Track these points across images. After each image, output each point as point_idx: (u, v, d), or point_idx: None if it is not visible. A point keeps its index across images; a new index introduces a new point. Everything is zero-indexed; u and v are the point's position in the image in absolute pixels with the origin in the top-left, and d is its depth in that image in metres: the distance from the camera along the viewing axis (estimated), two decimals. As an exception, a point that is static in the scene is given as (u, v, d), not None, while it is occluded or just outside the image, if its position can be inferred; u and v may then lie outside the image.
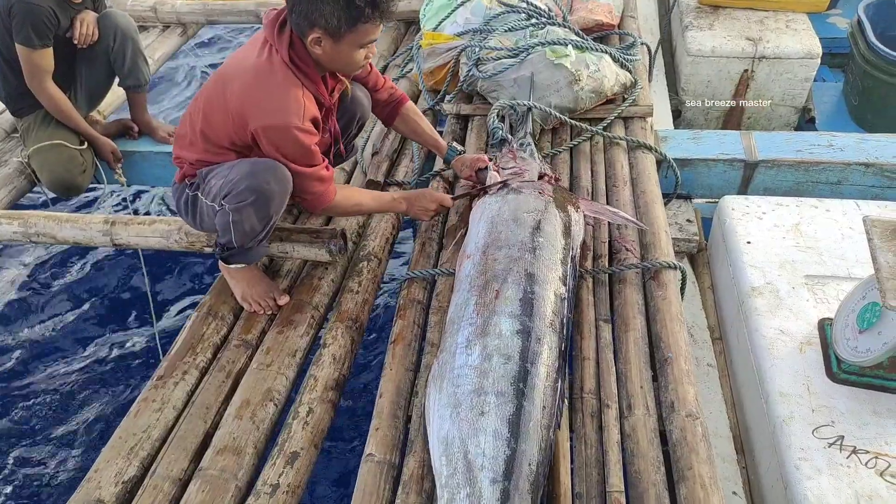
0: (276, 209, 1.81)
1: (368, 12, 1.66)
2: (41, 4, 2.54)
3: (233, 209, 1.77)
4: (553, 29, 2.77)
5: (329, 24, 1.66)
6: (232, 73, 1.79)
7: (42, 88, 2.66)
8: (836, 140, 2.66)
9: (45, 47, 2.60)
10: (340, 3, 1.63)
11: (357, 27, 1.68)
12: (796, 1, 3.54)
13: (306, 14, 1.66)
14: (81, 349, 3.07)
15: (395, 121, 2.28)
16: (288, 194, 1.81)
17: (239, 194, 1.75)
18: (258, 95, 1.73)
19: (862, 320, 1.66)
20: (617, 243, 2.11)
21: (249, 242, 1.87)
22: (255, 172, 1.75)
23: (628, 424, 1.59)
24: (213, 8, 3.95)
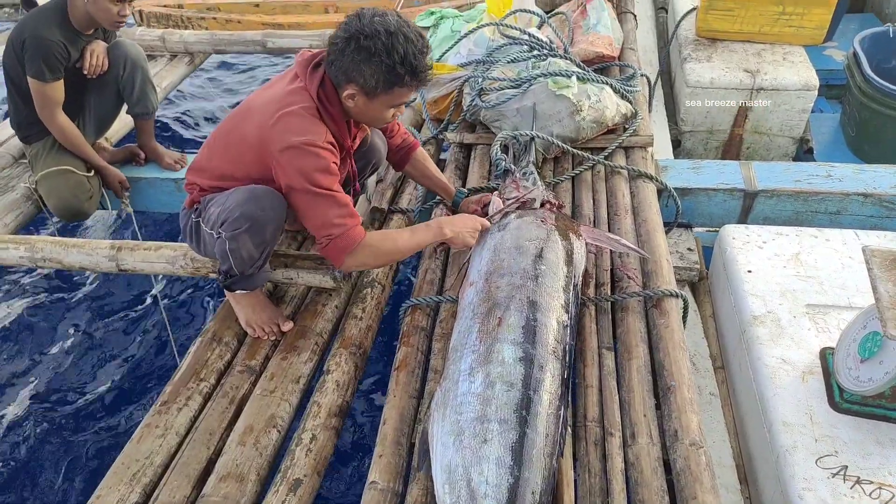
0: (272, 235, 1.82)
1: (408, 80, 1.71)
2: (52, 39, 2.58)
3: (229, 237, 1.79)
4: (555, 60, 2.82)
5: (367, 84, 1.71)
6: (257, 106, 1.81)
7: (53, 120, 2.70)
8: (835, 170, 2.70)
9: (56, 80, 2.64)
10: (382, 68, 1.67)
11: (393, 90, 1.73)
12: (793, 34, 3.61)
13: (345, 70, 1.70)
14: (85, 372, 3.07)
15: (407, 166, 2.32)
16: (283, 220, 1.83)
17: (234, 222, 1.77)
18: (282, 122, 1.74)
19: (863, 350, 1.66)
20: (619, 271, 2.13)
21: (249, 269, 1.88)
22: (249, 199, 1.77)
23: (632, 453, 1.59)
24: (221, 38, 4.03)
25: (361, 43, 1.65)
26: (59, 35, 2.61)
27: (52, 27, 2.60)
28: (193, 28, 4.33)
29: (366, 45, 1.65)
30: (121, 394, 2.95)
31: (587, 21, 3.37)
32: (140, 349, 3.17)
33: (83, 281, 3.57)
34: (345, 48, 1.68)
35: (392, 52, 1.65)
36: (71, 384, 3.01)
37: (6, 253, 2.34)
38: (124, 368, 3.08)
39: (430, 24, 3.54)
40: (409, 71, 1.69)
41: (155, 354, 3.12)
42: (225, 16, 4.34)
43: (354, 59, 1.68)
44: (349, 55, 1.68)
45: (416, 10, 4.03)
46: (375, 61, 1.67)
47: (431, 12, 3.64)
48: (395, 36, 1.65)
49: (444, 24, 3.44)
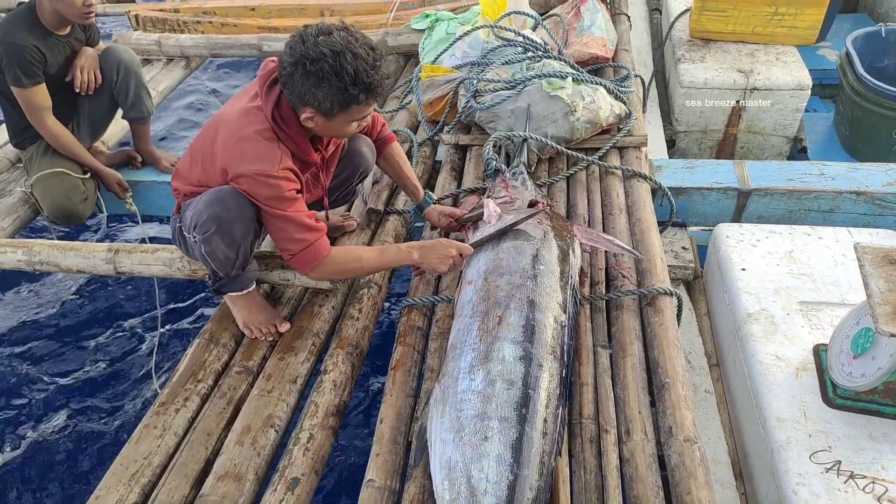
0: (242, 234, 1.79)
1: (362, 98, 1.66)
2: (24, 44, 2.54)
3: (202, 240, 1.79)
4: (549, 62, 2.84)
5: (322, 106, 1.66)
6: (223, 122, 1.81)
7: (42, 124, 2.70)
8: (828, 169, 2.72)
9: (35, 84, 2.61)
10: (334, 90, 1.62)
11: (350, 108, 1.69)
12: (786, 34, 3.64)
13: (299, 94, 1.66)
14: (84, 372, 3.08)
15: (379, 159, 2.29)
16: (251, 219, 1.79)
17: (203, 225, 1.77)
18: (237, 146, 1.73)
19: (856, 346, 1.68)
20: (614, 270, 2.14)
21: (232, 270, 1.89)
22: (214, 201, 1.76)
23: (627, 449, 1.60)
24: (217, 42, 4.04)
25: (308, 68, 1.59)
26: (30, 39, 2.57)
27: (22, 32, 2.56)
28: (189, 32, 4.33)
29: (313, 70, 1.59)
30: (119, 394, 2.95)
31: (581, 23, 3.39)
32: (139, 350, 3.17)
33: (82, 281, 3.58)
34: (293, 73, 1.62)
35: (342, 74, 1.59)
36: (69, 386, 3.02)
37: (4, 256, 2.35)
38: (123, 370, 3.08)
39: (425, 27, 3.57)
40: (363, 89, 1.64)
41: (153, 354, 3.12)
42: (221, 20, 4.34)
43: (304, 83, 1.62)
44: (298, 80, 1.62)
45: (410, 13, 4.05)
46: (326, 86, 1.61)
47: (426, 15, 3.66)
48: (343, 55, 1.58)
49: (439, 26, 3.46)
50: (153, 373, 2.70)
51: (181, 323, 3.32)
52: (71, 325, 3.33)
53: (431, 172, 2.87)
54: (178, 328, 3.29)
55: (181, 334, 3.25)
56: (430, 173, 2.86)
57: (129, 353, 3.16)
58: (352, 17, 4.23)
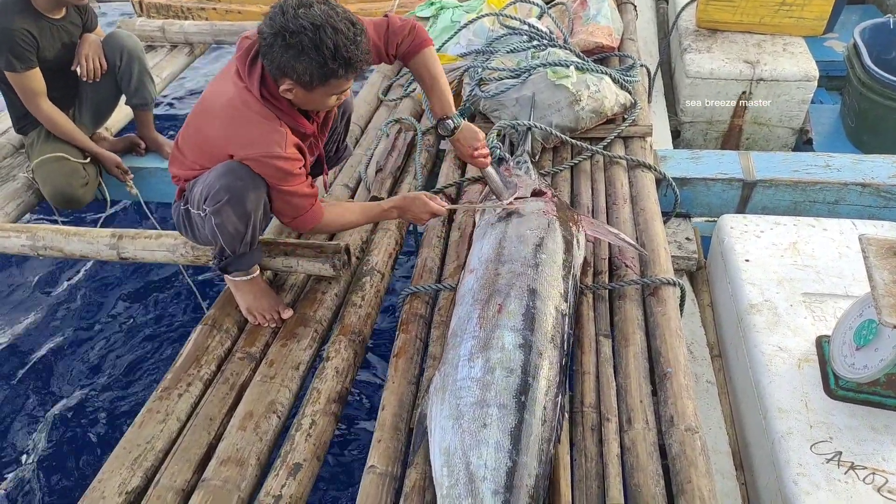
0: (254, 206, 1.80)
1: (341, 72, 1.66)
2: (14, 28, 2.52)
3: (213, 212, 1.79)
4: (554, 51, 2.83)
5: (301, 79, 1.65)
6: (211, 108, 1.81)
7: (38, 108, 2.69)
8: (833, 161, 2.70)
9: (28, 69, 2.59)
10: (314, 64, 1.61)
11: (329, 82, 1.68)
12: (793, 25, 3.61)
13: (278, 66, 1.65)
14: (86, 357, 3.09)
15: (409, 64, 2.15)
16: (263, 190, 1.80)
17: (215, 195, 1.77)
18: (239, 132, 1.74)
19: (859, 337, 1.68)
20: (617, 259, 2.14)
21: (240, 247, 1.88)
22: (227, 172, 1.76)
23: (628, 438, 1.61)
24: (221, 28, 4.03)
25: (288, 41, 1.59)
26: (20, 23, 2.54)
27: (13, 15, 2.54)
28: (193, 18, 4.32)
29: (293, 43, 1.59)
30: (122, 379, 2.97)
31: (587, 12, 3.37)
32: (141, 336, 3.18)
33: (84, 267, 3.59)
34: (272, 44, 1.62)
35: (321, 48, 1.59)
36: (72, 370, 3.03)
37: (8, 241, 2.36)
38: (126, 354, 3.09)
39: (430, 15, 3.55)
40: (343, 64, 1.63)
41: (157, 341, 3.14)
42: (225, 6, 4.33)
43: (284, 55, 1.61)
44: (278, 52, 1.61)
45: (416, 1, 4.03)
46: (305, 59, 1.60)
47: (431, 3, 3.64)
48: (323, 29, 1.58)
49: (444, 14, 3.45)
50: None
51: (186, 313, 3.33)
52: (81, 310, 3.35)
53: (435, 161, 2.86)
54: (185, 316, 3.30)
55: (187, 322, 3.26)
56: (434, 162, 2.85)
57: (137, 339, 3.18)
58: (356, 4, 4.21)
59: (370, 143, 2.85)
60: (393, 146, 2.77)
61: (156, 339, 3.15)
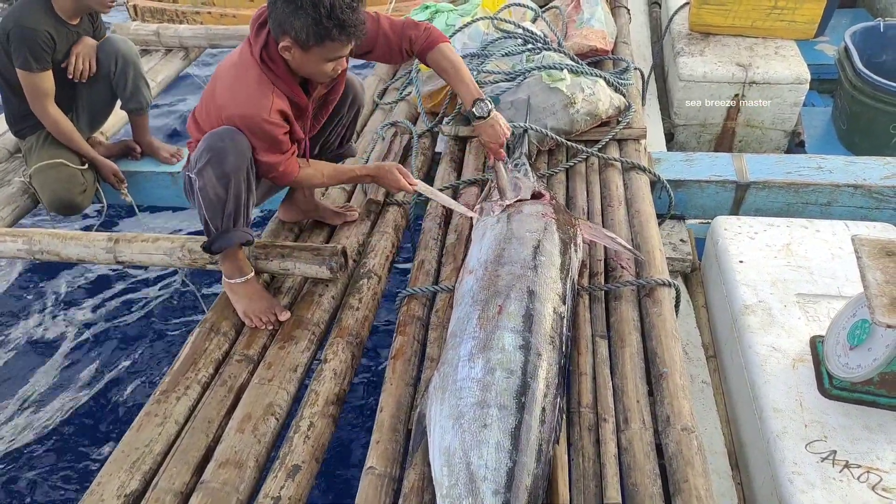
0: (233, 168, 1.84)
1: (335, 33, 1.73)
2: (37, 28, 2.56)
3: (196, 173, 1.85)
4: (549, 54, 2.84)
5: (299, 36, 1.74)
6: (219, 71, 1.93)
7: (45, 111, 2.70)
8: (826, 162, 2.73)
9: (43, 70, 2.63)
10: (310, 20, 1.70)
11: (325, 43, 1.75)
12: (785, 28, 3.64)
13: (280, 22, 1.74)
14: (85, 361, 3.08)
15: (427, 61, 2.23)
16: (246, 156, 1.86)
17: (199, 158, 1.84)
18: (232, 90, 1.86)
19: (852, 337, 1.70)
20: (612, 261, 2.15)
21: (221, 219, 1.90)
22: (212, 135, 1.85)
23: (625, 438, 1.62)
24: (216, 32, 4.03)
25: None
26: (43, 24, 2.58)
27: (37, 16, 2.58)
28: (188, 23, 4.32)
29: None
30: (120, 383, 2.96)
31: (581, 15, 3.39)
32: (140, 339, 3.18)
33: (83, 271, 3.58)
34: (276, 1, 1.72)
35: (318, 6, 1.68)
36: (70, 374, 3.03)
37: (4, 246, 2.35)
38: (123, 357, 3.09)
39: (425, 18, 3.56)
40: (337, 24, 1.71)
41: (154, 345, 3.13)
42: (220, 10, 4.34)
43: (284, 11, 1.71)
44: (280, 7, 1.72)
45: (410, 5, 4.04)
46: (302, 14, 1.69)
47: (426, 6, 3.65)
48: None
49: (438, 17, 3.45)
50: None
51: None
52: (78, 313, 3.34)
53: (431, 164, 2.87)
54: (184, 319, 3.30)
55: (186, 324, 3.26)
56: (430, 165, 2.86)
57: (134, 342, 3.17)
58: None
59: (366, 146, 2.86)
60: (389, 149, 2.78)
61: (153, 342, 3.14)
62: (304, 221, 2.47)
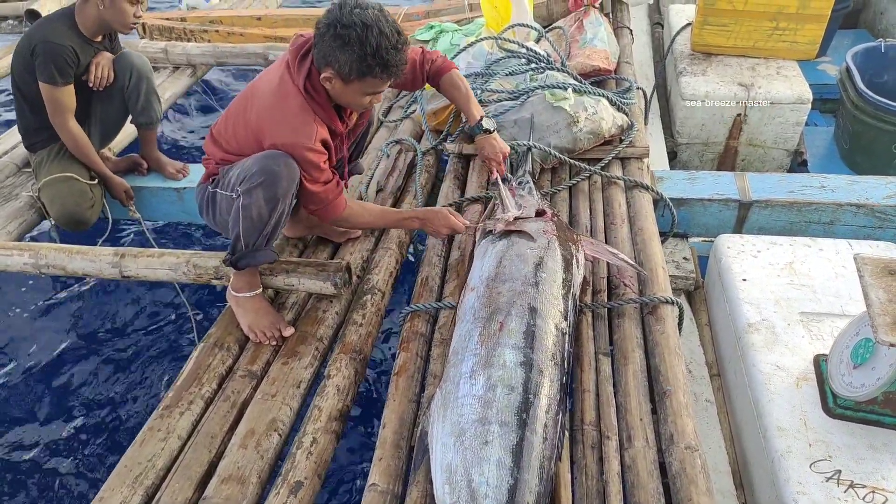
0: (283, 192, 1.87)
1: (378, 72, 1.80)
2: (63, 44, 2.64)
3: (244, 192, 1.87)
4: (552, 73, 2.87)
5: (342, 69, 1.80)
6: (258, 92, 1.96)
7: (65, 125, 2.74)
8: (828, 182, 2.74)
9: (66, 84, 2.69)
10: (355, 57, 1.77)
11: (366, 79, 1.82)
12: (786, 49, 3.68)
13: (324, 54, 1.81)
14: (88, 375, 3.08)
15: (440, 83, 2.38)
16: (295, 181, 1.89)
17: (251, 177, 1.86)
18: (275, 117, 1.89)
19: (856, 356, 1.69)
20: (615, 279, 2.16)
21: (257, 238, 1.92)
22: (267, 157, 1.88)
23: (628, 456, 1.61)
24: (223, 50, 4.08)
25: (338, 31, 1.75)
26: (69, 41, 2.66)
27: (63, 34, 2.66)
28: (196, 41, 4.38)
29: (342, 34, 1.75)
30: (123, 398, 2.96)
31: (584, 35, 3.43)
32: (145, 353, 3.18)
33: (86, 283, 3.59)
34: (325, 33, 1.78)
35: (365, 44, 1.74)
36: (73, 388, 3.02)
37: (10, 259, 2.37)
38: (128, 372, 3.09)
39: (429, 38, 3.61)
40: (380, 63, 1.78)
41: (159, 359, 3.13)
42: (227, 28, 4.39)
43: (331, 45, 1.77)
44: (328, 41, 1.78)
45: (415, 25, 4.09)
46: (349, 50, 1.76)
47: (431, 26, 3.70)
48: (370, 29, 1.74)
49: (443, 37, 3.50)
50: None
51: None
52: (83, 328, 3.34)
53: (435, 181, 2.89)
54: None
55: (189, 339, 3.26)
56: (434, 182, 2.88)
57: (139, 356, 3.17)
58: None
59: (371, 163, 2.88)
60: (393, 167, 2.80)
61: (158, 357, 3.14)
62: (308, 237, 2.49)
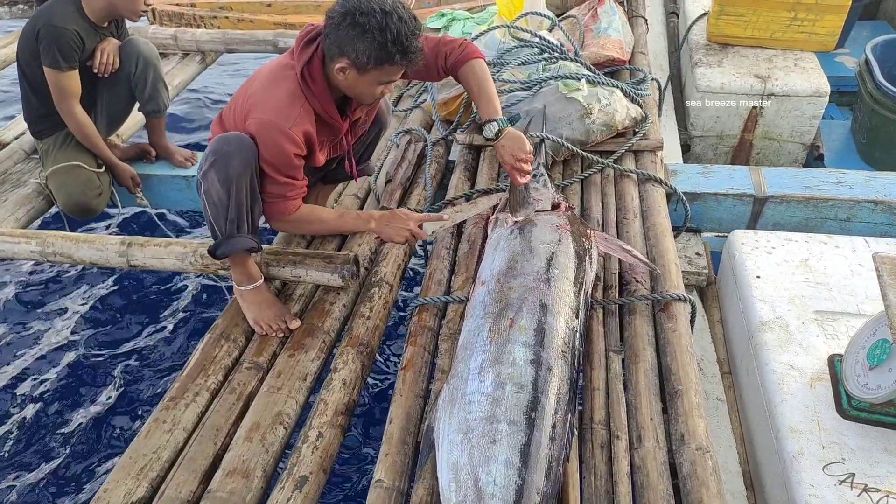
0: (236, 171, 1.83)
1: (398, 58, 1.78)
2: (67, 27, 2.60)
3: (202, 176, 1.86)
4: (565, 63, 2.83)
5: (359, 59, 1.77)
6: (259, 75, 1.95)
7: (70, 111, 2.72)
8: (845, 177, 2.69)
9: (71, 69, 2.66)
10: (375, 45, 1.74)
11: (384, 67, 1.80)
12: (804, 40, 3.60)
13: (339, 44, 1.77)
14: (95, 365, 3.09)
15: (458, 74, 2.21)
16: (250, 159, 1.85)
17: (205, 160, 1.85)
18: (263, 97, 1.88)
19: (872, 357, 1.66)
20: (627, 275, 2.12)
21: (224, 224, 1.89)
22: (219, 139, 1.86)
23: (638, 456, 1.59)
24: (233, 37, 4.05)
25: (357, 19, 1.73)
26: (73, 25, 2.63)
27: (67, 17, 2.62)
28: (205, 27, 4.35)
29: (361, 22, 1.72)
30: (128, 389, 2.97)
31: (598, 25, 3.37)
32: (150, 345, 3.19)
33: (91, 272, 3.60)
34: (340, 23, 1.75)
35: (385, 31, 1.73)
36: (78, 379, 3.03)
37: (18, 247, 2.36)
38: (134, 363, 3.09)
39: (441, 26, 3.56)
40: (400, 50, 1.77)
41: (165, 351, 3.14)
42: (237, 15, 4.36)
43: (349, 34, 1.75)
44: (344, 30, 1.75)
45: (427, 12, 4.04)
46: (368, 38, 1.74)
47: (442, 14, 3.66)
48: (390, 15, 1.73)
49: (455, 25, 3.46)
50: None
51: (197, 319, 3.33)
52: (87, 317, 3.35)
53: (445, 172, 2.86)
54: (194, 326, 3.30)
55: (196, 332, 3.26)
56: (444, 173, 2.85)
57: (144, 347, 3.18)
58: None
59: (380, 153, 2.85)
60: (403, 157, 2.77)
61: (163, 348, 3.15)
62: None
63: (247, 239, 1.94)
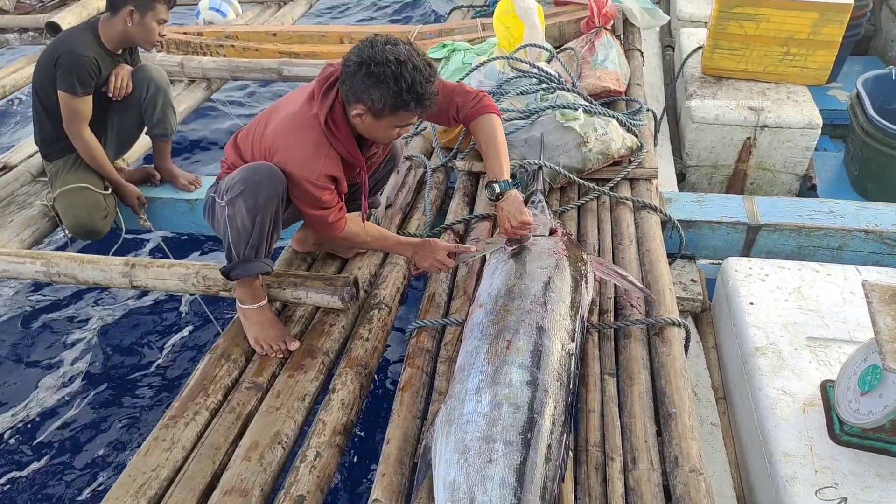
0: (265, 200, 1.88)
1: (413, 105, 1.82)
2: (87, 55, 2.69)
3: (228, 202, 1.90)
4: (563, 93, 2.89)
5: (374, 106, 1.81)
6: (280, 111, 1.98)
7: (80, 134, 2.78)
8: (837, 207, 2.74)
9: (86, 95, 2.74)
10: (390, 94, 1.78)
11: (399, 113, 1.84)
12: (797, 74, 3.68)
13: (355, 91, 1.81)
14: (95, 382, 3.10)
15: (471, 126, 2.20)
16: (279, 191, 1.90)
17: (233, 187, 1.89)
18: (289, 142, 1.91)
19: (863, 383, 1.68)
20: (622, 299, 2.16)
21: (244, 249, 1.94)
22: (249, 168, 1.91)
23: (632, 478, 1.60)
24: (238, 65, 4.14)
25: (372, 69, 1.76)
26: (92, 52, 2.71)
27: (87, 45, 2.71)
28: (212, 55, 4.43)
29: (376, 72, 1.76)
30: (129, 407, 2.97)
31: (595, 57, 3.46)
32: (151, 363, 3.19)
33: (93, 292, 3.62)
34: (356, 72, 1.79)
35: (400, 80, 1.76)
36: (77, 397, 3.04)
37: (23, 267, 2.40)
38: (135, 382, 3.10)
39: (442, 56, 3.64)
40: (415, 98, 1.80)
41: (165, 369, 3.15)
42: (243, 44, 4.44)
43: (364, 83, 1.78)
44: (360, 79, 1.79)
45: (428, 43, 4.13)
46: (383, 87, 1.77)
47: (444, 45, 3.74)
48: (405, 65, 1.76)
49: (455, 56, 3.53)
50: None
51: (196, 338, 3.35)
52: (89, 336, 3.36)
53: (444, 198, 2.91)
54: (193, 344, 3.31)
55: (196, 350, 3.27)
56: (443, 198, 2.90)
57: (144, 367, 3.19)
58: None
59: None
60: (403, 182, 2.82)
61: (164, 366, 3.16)
62: (317, 252, 2.50)
63: (262, 264, 2.01)
